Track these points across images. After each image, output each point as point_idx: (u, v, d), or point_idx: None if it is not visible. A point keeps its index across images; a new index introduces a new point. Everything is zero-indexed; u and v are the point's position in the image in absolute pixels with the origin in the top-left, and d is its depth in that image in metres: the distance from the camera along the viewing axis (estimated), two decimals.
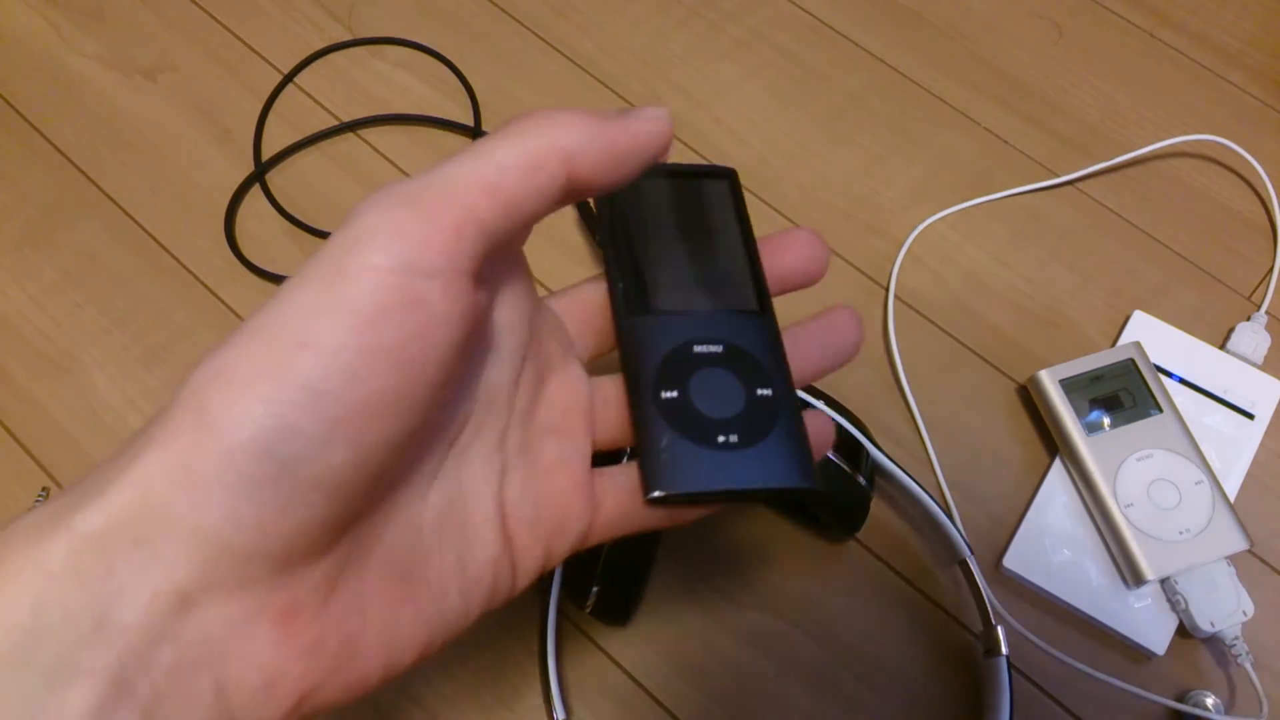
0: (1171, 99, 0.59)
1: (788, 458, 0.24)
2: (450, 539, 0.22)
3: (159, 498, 0.16)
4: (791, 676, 0.43)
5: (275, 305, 0.18)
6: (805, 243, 0.27)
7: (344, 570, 0.19)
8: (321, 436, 0.17)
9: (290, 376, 0.17)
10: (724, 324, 0.26)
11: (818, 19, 0.61)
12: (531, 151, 0.19)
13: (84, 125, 0.55)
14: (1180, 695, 0.42)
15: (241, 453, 0.16)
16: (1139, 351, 0.47)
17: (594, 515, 0.25)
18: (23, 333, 0.49)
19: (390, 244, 0.18)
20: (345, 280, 0.17)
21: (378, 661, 0.20)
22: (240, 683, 0.17)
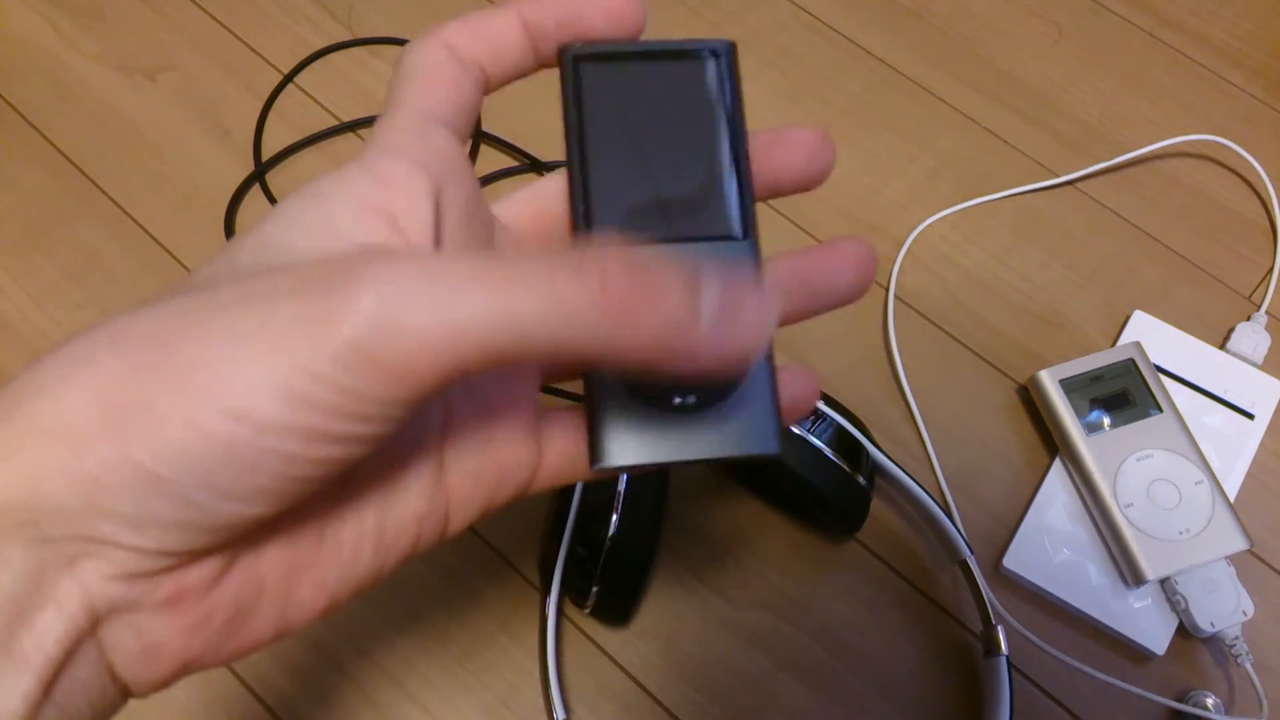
0: (1171, 99, 0.59)
1: (751, 420, 0.21)
2: (371, 502, 0.20)
3: (53, 496, 0.16)
4: (791, 676, 0.43)
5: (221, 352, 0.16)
6: (807, 140, 0.23)
7: (240, 554, 0.18)
8: (246, 497, 0.16)
9: (220, 441, 0.16)
10: (697, 255, 0.22)
11: (818, 19, 0.61)
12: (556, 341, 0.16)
13: (84, 125, 0.55)
14: (1180, 695, 0.42)
15: (156, 488, 0.16)
16: (1139, 351, 0.47)
17: (538, 463, 0.22)
18: (22, 332, 0.49)
19: (354, 366, 0.16)
20: (298, 377, 0.16)
21: (269, 627, 0.19)
22: (121, 647, 0.17)
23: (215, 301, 0.17)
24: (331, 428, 0.16)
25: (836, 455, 0.41)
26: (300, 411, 0.16)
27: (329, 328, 0.16)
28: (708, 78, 0.23)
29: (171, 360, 0.16)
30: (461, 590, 0.44)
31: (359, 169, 0.19)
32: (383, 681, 0.42)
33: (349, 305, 0.16)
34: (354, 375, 0.16)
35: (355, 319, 0.16)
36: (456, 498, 0.21)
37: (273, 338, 0.16)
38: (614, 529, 0.39)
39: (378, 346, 0.16)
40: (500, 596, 0.44)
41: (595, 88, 0.22)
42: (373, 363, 0.16)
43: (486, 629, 0.43)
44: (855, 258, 0.23)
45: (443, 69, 0.21)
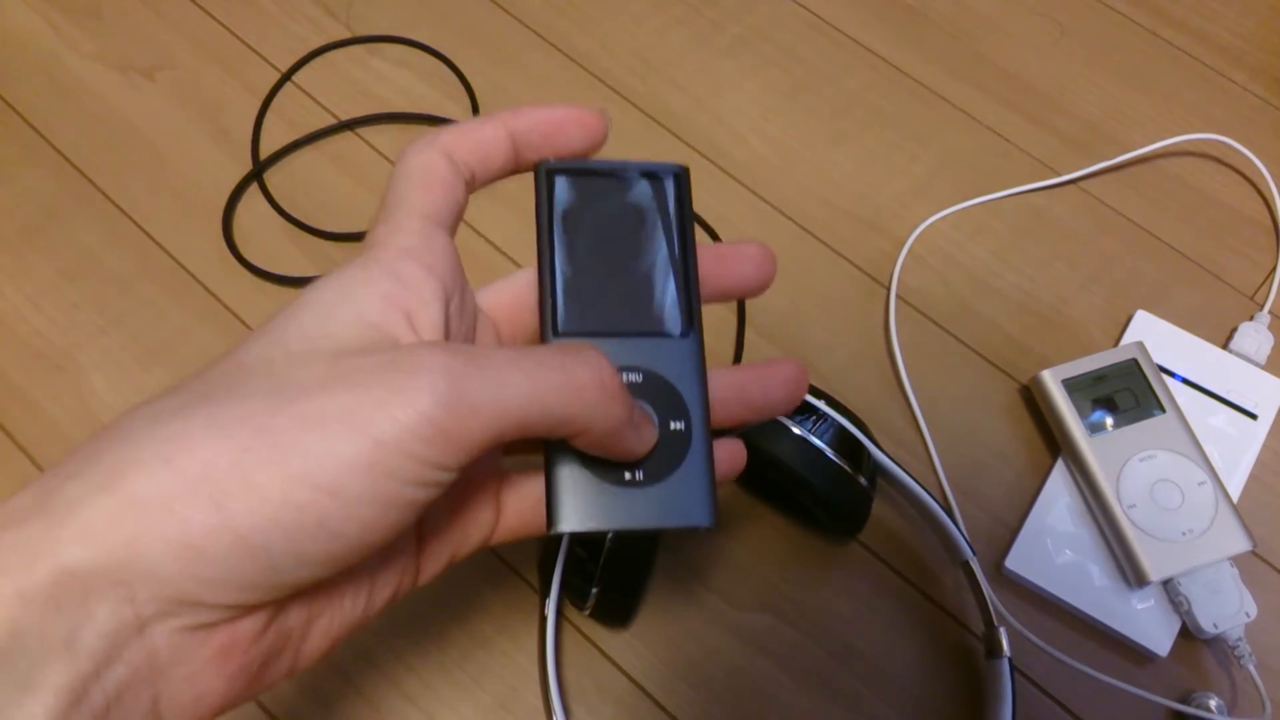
0: (1174, 98, 0.59)
1: (690, 495, 0.24)
2: (369, 561, 0.23)
3: (150, 557, 0.18)
4: (791, 677, 0.42)
5: (315, 435, 0.19)
6: (753, 258, 0.27)
7: (279, 612, 0.21)
8: (322, 562, 0.19)
9: (312, 514, 0.18)
10: (647, 350, 0.25)
11: (819, 17, 0.60)
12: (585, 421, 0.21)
13: (82, 124, 0.55)
14: (1183, 697, 0.42)
15: (248, 555, 0.18)
16: (1142, 351, 0.47)
17: (497, 521, 0.26)
18: (20, 333, 0.49)
19: (430, 438, 0.19)
20: (383, 452, 0.19)
21: (285, 669, 0.22)
22: (173, 698, 0.19)
23: (299, 387, 0.19)
24: (403, 494, 0.19)
25: (838, 455, 0.40)
26: (381, 482, 0.19)
27: (410, 407, 0.19)
28: (664, 195, 0.27)
29: (270, 441, 0.18)
30: (460, 592, 0.43)
31: (381, 270, 0.22)
32: (381, 684, 0.42)
33: (427, 387, 0.19)
34: (426, 445, 0.19)
35: (431, 397, 0.19)
36: (427, 553, 0.25)
37: (359, 420, 0.19)
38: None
39: (447, 419, 0.19)
40: (499, 598, 0.43)
41: (565, 198, 0.26)
42: (442, 434, 0.19)
43: (485, 631, 0.43)
44: (788, 380, 0.27)
45: (440, 174, 0.24)
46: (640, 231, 0.26)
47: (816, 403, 0.41)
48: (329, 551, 0.19)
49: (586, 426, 0.21)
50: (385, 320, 0.21)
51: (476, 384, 0.20)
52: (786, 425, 0.40)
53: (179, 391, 0.20)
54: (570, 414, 0.21)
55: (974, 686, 0.43)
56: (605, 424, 0.21)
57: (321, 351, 0.20)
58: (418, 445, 0.19)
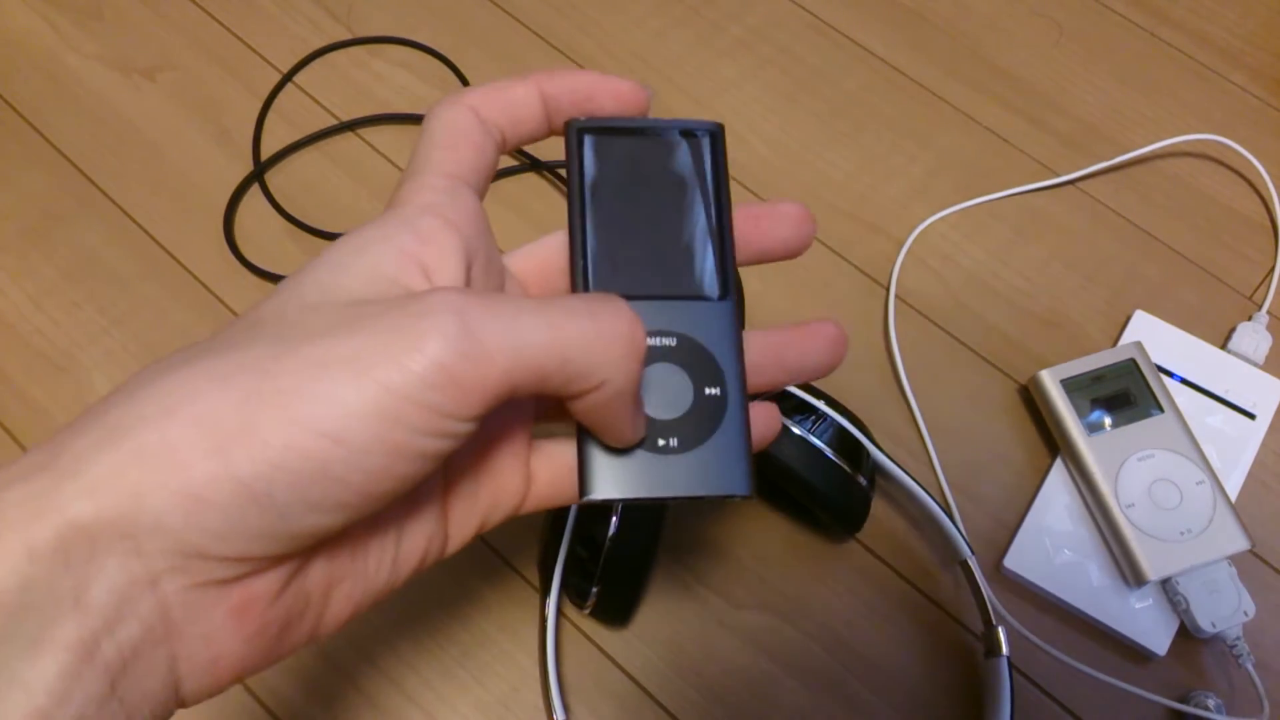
0: (1173, 98, 0.59)
1: (726, 463, 0.24)
2: (392, 523, 0.22)
3: (154, 508, 0.17)
4: (791, 676, 0.43)
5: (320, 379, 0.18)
6: (791, 216, 0.26)
7: (296, 571, 0.20)
8: (330, 508, 0.19)
9: (316, 459, 0.18)
10: (682, 313, 0.24)
11: (818, 18, 0.61)
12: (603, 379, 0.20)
13: (83, 125, 0.55)
14: (1182, 696, 0.42)
15: (253, 502, 0.18)
16: (1140, 351, 0.47)
17: (528, 488, 0.25)
18: (21, 332, 0.49)
19: (439, 384, 0.18)
20: (389, 397, 0.18)
21: (306, 634, 0.21)
22: (190, 657, 0.19)
23: (306, 333, 0.19)
24: (413, 444, 0.18)
25: (837, 455, 0.40)
26: (388, 429, 0.18)
27: (417, 351, 0.18)
28: (698, 154, 0.26)
29: (273, 387, 0.18)
30: (461, 591, 0.44)
31: (399, 224, 0.21)
32: (382, 682, 0.42)
33: (435, 330, 0.18)
34: (437, 392, 0.18)
35: (441, 341, 0.18)
36: (455, 519, 0.24)
37: (364, 364, 0.18)
38: (614, 529, 0.39)
39: (459, 365, 0.18)
40: (500, 597, 0.44)
41: (596, 158, 0.25)
42: (453, 381, 0.18)
43: (486, 630, 0.43)
44: (828, 342, 0.26)
45: (469, 134, 0.23)
46: (674, 191, 0.25)
47: (816, 403, 0.41)
48: (336, 498, 0.18)
49: (604, 382, 0.20)
50: (401, 273, 0.21)
51: (492, 327, 0.19)
52: (787, 425, 0.40)
53: (190, 347, 0.20)
54: (592, 366, 0.20)
55: (972, 685, 0.43)
56: (624, 382, 0.20)
57: (334, 302, 0.20)
58: (427, 392, 0.18)
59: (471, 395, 0.18)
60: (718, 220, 0.25)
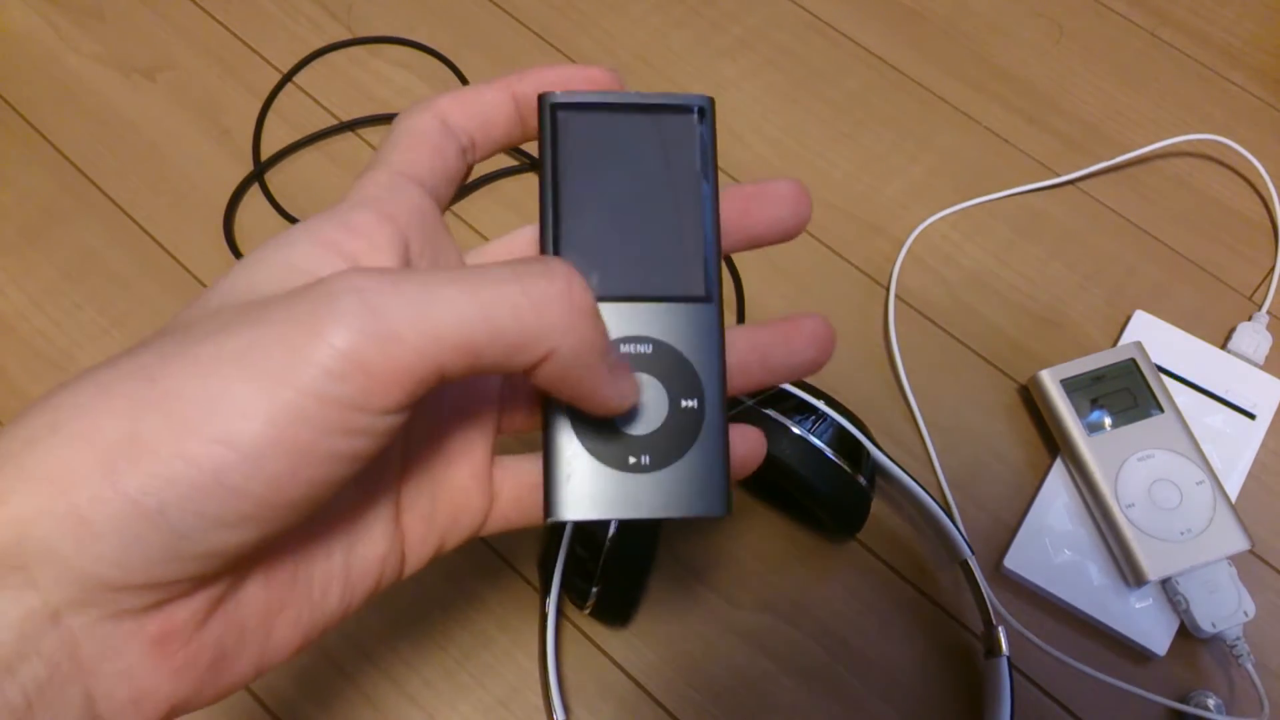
0: (1172, 98, 0.59)
1: (701, 481, 0.22)
2: (336, 545, 0.21)
3: (42, 537, 0.16)
4: (791, 676, 0.43)
5: (209, 379, 0.16)
6: (785, 196, 0.23)
7: (222, 596, 0.19)
8: (230, 523, 0.17)
9: (208, 468, 0.16)
10: (660, 317, 0.22)
11: (818, 18, 0.61)
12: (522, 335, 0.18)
13: (83, 125, 0.55)
14: (1182, 696, 0.42)
15: (145, 521, 0.16)
16: (1140, 351, 0.47)
17: (490, 507, 0.23)
18: (21, 333, 0.49)
19: (344, 374, 0.16)
20: (287, 393, 0.16)
21: (250, 666, 0.20)
22: (109, 696, 0.17)
23: (197, 334, 0.17)
24: (321, 444, 0.16)
25: (837, 455, 0.40)
26: (289, 430, 0.16)
27: (316, 338, 0.16)
28: (685, 134, 0.23)
29: (158, 392, 0.16)
30: (461, 591, 0.44)
31: (326, 217, 0.20)
32: (382, 682, 0.42)
33: (333, 314, 0.16)
34: (343, 383, 0.16)
35: (341, 325, 0.16)
36: (412, 539, 0.22)
37: (258, 360, 0.16)
38: (613, 529, 0.39)
39: (365, 350, 0.16)
40: (500, 597, 0.44)
41: (572, 138, 0.23)
42: (361, 369, 0.16)
43: (486, 630, 0.43)
44: (814, 337, 0.24)
45: (429, 136, 0.22)
46: (656, 176, 0.23)
47: (816, 402, 0.41)
48: (237, 510, 0.16)
49: (551, 351, 0.18)
50: (319, 266, 0.19)
51: (401, 305, 0.16)
52: (786, 425, 0.40)
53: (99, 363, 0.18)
54: (529, 334, 0.17)
55: (973, 685, 0.43)
56: (575, 347, 0.18)
57: (239, 301, 0.18)
58: (331, 384, 0.16)
59: (385, 384, 0.16)
60: (704, 210, 0.23)
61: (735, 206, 0.23)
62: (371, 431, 0.17)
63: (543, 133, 0.23)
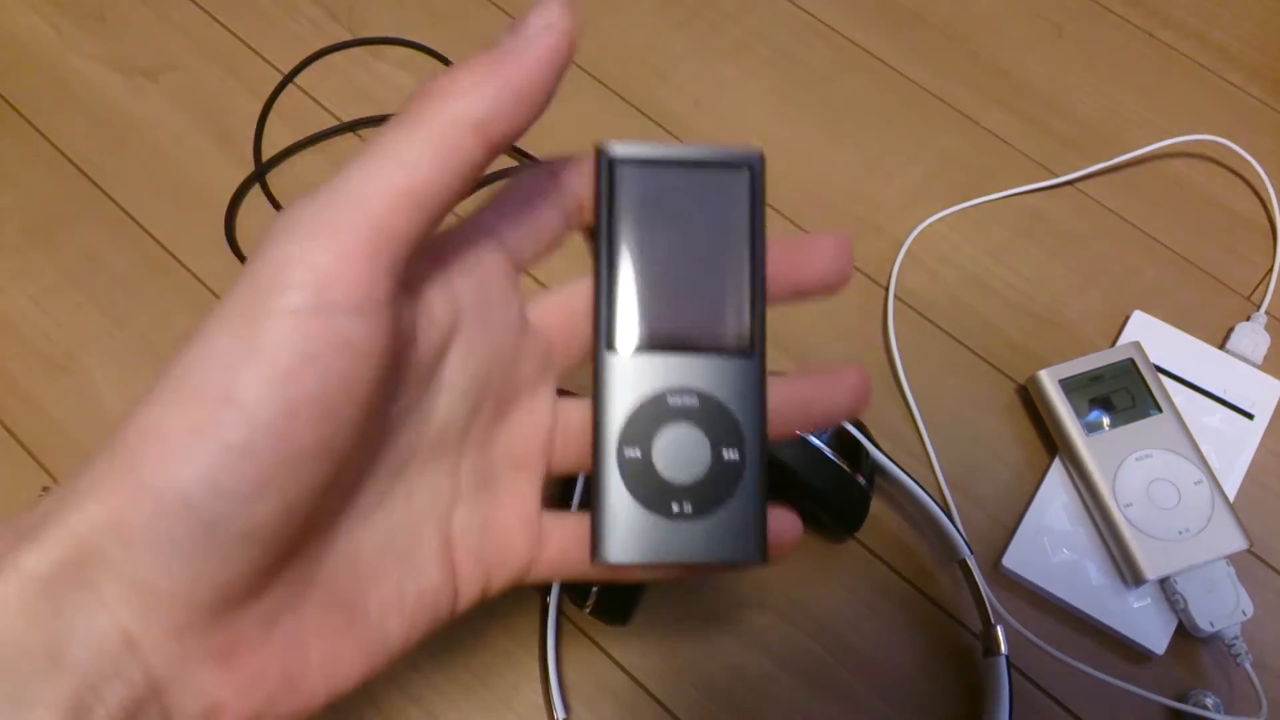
0: (1171, 99, 0.59)
1: (741, 529, 0.23)
2: (391, 570, 0.22)
3: (95, 548, 0.17)
4: (791, 676, 0.43)
5: (196, 353, 0.17)
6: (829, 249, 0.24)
7: (283, 607, 0.19)
8: (248, 494, 0.17)
9: (214, 435, 0.17)
10: (706, 369, 0.23)
11: (818, 19, 0.61)
12: (440, 137, 0.18)
13: (84, 126, 0.55)
14: (1180, 695, 0.42)
15: (170, 515, 0.17)
16: (1138, 351, 0.47)
17: (537, 554, 0.24)
18: (23, 333, 0.49)
19: (304, 282, 0.17)
20: (261, 328, 0.17)
21: (319, 690, 0.20)
22: (182, 710, 0.18)
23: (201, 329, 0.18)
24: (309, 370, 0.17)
25: (836, 455, 0.41)
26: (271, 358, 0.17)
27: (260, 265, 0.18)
28: (736, 189, 0.24)
29: (163, 383, 0.17)
30: None
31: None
32: (383, 681, 0.42)
33: (268, 240, 0.18)
34: (301, 289, 0.17)
35: (275, 242, 0.18)
36: (463, 574, 0.23)
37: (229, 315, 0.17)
38: None
39: (303, 246, 0.17)
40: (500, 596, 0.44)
41: (627, 191, 0.24)
42: (307, 267, 0.17)
43: (487, 629, 0.43)
44: (855, 387, 0.24)
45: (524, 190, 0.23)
46: (707, 230, 0.24)
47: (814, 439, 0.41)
48: (249, 476, 0.17)
49: (472, 121, 0.19)
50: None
51: (318, 203, 0.18)
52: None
53: None
54: (453, 139, 0.18)
55: (971, 684, 0.43)
56: (480, 96, 0.19)
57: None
58: (291, 295, 0.17)
59: (338, 273, 0.17)
60: (751, 266, 0.24)
61: (780, 259, 0.24)
62: (351, 340, 0.18)
63: (599, 184, 0.23)
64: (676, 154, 0.24)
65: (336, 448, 0.18)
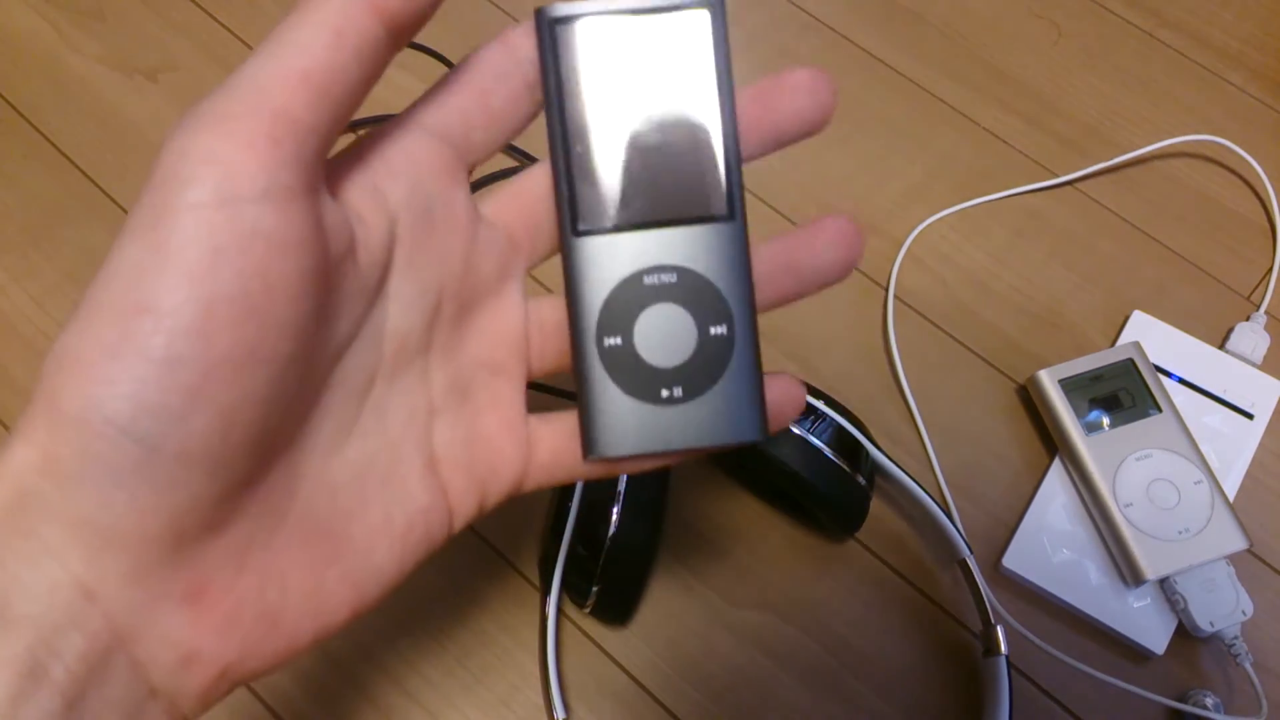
0: (1171, 99, 0.59)
1: (736, 408, 0.22)
2: (373, 494, 0.21)
3: (30, 491, 0.16)
4: (791, 676, 0.43)
5: (109, 268, 0.17)
6: (803, 85, 0.22)
7: (253, 541, 0.18)
8: (177, 408, 0.16)
9: (133, 349, 0.16)
10: (683, 242, 0.22)
11: (817, 19, 0.61)
12: (334, 17, 0.18)
13: (85, 126, 0.55)
14: (1180, 695, 0.42)
15: (98, 440, 0.16)
16: (1138, 351, 0.47)
17: (529, 459, 0.23)
18: (23, 333, 0.49)
19: (204, 174, 0.16)
20: (166, 226, 0.16)
21: (305, 626, 0.20)
22: (155, 660, 0.17)
23: (115, 243, 0.17)
24: (224, 266, 0.16)
25: (836, 455, 0.41)
26: (183, 257, 0.16)
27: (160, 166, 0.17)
28: (695, 38, 0.22)
29: (85, 307, 0.17)
30: (462, 590, 0.44)
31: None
32: (383, 681, 0.42)
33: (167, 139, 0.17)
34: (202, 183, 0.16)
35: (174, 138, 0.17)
36: (454, 491, 0.22)
37: (136, 222, 0.17)
38: (614, 528, 0.39)
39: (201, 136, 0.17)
40: (500, 596, 0.44)
41: (573, 55, 0.21)
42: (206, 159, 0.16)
43: (486, 628, 0.43)
44: (839, 235, 0.22)
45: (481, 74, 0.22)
46: (668, 89, 0.22)
47: (815, 403, 0.41)
48: (178, 385, 0.16)
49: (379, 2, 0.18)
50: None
51: (214, 99, 0.17)
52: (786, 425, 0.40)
53: None
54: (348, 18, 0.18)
55: (971, 684, 0.43)
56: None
57: None
58: (192, 190, 0.16)
59: (240, 160, 0.16)
60: (721, 119, 0.22)
61: (749, 107, 0.22)
62: (261, 230, 0.17)
63: (542, 52, 0.21)
64: (623, 5, 0.22)
65: (268, 352, 0.17)
